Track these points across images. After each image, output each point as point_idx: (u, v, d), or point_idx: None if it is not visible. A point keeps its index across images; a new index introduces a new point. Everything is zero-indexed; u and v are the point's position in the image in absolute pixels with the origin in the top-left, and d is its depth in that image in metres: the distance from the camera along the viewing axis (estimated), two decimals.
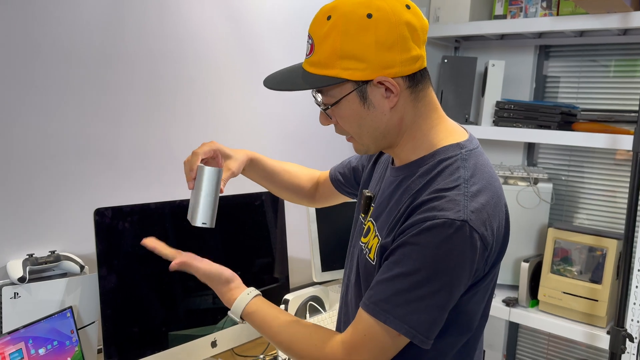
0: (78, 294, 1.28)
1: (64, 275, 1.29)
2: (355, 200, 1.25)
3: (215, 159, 1.09)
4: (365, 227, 1.01)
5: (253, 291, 1.02)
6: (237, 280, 1.04)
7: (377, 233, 0.95)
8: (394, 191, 0.94)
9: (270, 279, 1.65)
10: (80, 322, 1.28)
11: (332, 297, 1.81)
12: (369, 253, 0.95)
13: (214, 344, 1.49)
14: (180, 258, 1.02)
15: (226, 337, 1.51)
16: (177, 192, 1.46)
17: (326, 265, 1.72)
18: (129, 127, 1.47)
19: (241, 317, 1.00)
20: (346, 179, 1.24)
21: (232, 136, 1.73)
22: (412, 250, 0.83)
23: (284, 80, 0.91)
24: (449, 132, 0.93)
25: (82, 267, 1.28)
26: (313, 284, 1.97)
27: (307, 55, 0.90)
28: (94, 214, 1.23)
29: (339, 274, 1.78)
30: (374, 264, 0.93)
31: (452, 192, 0.84)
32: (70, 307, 1.22)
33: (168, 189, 1.56)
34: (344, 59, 0.84)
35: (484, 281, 0.89)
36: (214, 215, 1.02)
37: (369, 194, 1.03)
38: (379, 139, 0.92)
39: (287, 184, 1.28)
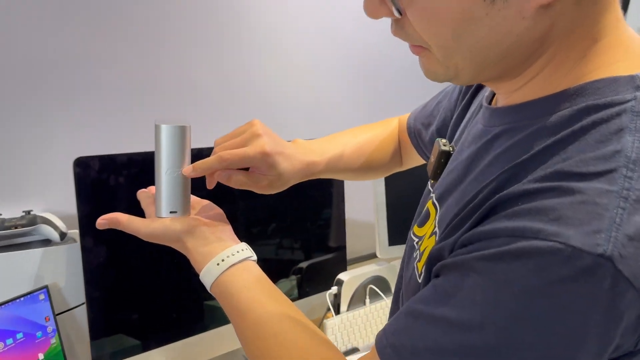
0: (61, 268, 0.98)
1: (46, 243, 0.98)
2: None
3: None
4: (426, 208, 0.60)
5: (238, 253, 0.61)
6: (205, 228, 0.62)
7: (435, 226, 0.54)
8: (480, 154, 0.52)
9: (322, 249, 1.28)
10: (62, 304, 0.99)
11: None
12: (419, 259, 0.56)
13: None
14: (115, 214, 0.64)
15: None
16: (195, 136, 1.10)
17: (394, 238, 1.32)
18: (124, 48, 1.11)
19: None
20: (433, 137, 0.80)
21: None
22: (478, 284, 0.42)
23: None
24: (625, 51, 0.46)
25: (63, 234, 0.97)
26: (372, 256, 1.59)
27: None
28: (73, 165, 0.90)
29: None
30: (419, 281, 0.54)
31: (595, 183, 0.40)
32: (46, 287, 0.92)
33: None
34: None
35: None
36: (185, 197, 0.64)
37: (446, 148, 0.61)
38: (492, 61, 0.47)
39: (367, 167, 0.85)
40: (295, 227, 1.23)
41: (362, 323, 1.26)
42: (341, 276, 1.25)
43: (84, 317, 0.95)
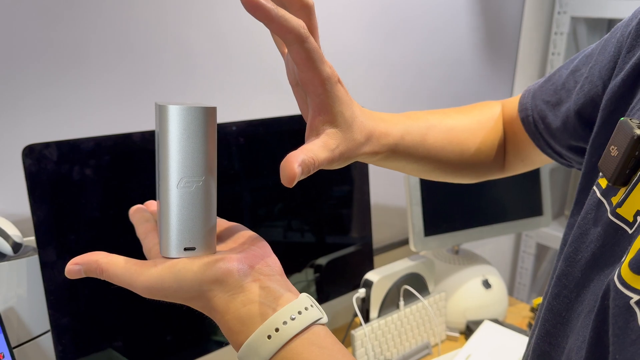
0: (19, 288, 0.77)
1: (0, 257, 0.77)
2: (577, 168, 0.60)
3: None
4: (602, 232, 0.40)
5: (301, 314, 0.37)
6: (243, 274, 0.37)
7: None
8: None
9: (344, 241, 1.07)
10: (23, 333, 0.78)
11: (440, 270, 1.20)
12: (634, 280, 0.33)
13: None
14: (91, 255, 0.40)
15: None
16: None
17: (432, 227, 1.11)
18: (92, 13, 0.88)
19: None
20: (563, 119, 0.56)
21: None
22: None
23: None
24: None
25: (17, 246, 0.75)
26: (403, 243, 1.37)
27: None
28: (22, 154, 0.68)
29: (451, 239, 1.16)
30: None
31: None
32: None
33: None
34: None
35: None
36: (209, 222, 0.39)
37: None
38: None
39: (458, 161, 0.60)
40: (310, 215, 1.01)
41: (396, 330, 1.05)
42: (370, 276, 1.03)
43: (51, 348, 0.74)
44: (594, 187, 0.43)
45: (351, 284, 1.11)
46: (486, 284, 1.20)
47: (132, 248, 0.76)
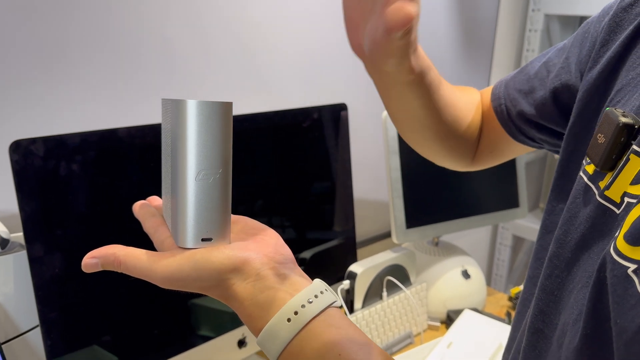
0: (6, 284, 0.77)
1: None
2: (553, 151, 0.63)
3: None
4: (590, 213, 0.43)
5: (317, 298, 0.39)
6: (259, 261, 0.39)
7: None
8: None
9: (327, 234, 1.09)
10: (11, 329, 0.78)
11: (421, 262, 1.23)
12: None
13: (242, 343, 0.97)
14: (108, 248, 0.41)
15: None
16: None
17: (413, 220, 1.13)
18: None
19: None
20: (538, 106, 0.59)
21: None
22: None
23: None
24: None
25: (4, 242, 0.75)
26: (385, 236, 1.40)
27: None
28: (9, 150, 0.68)
29: (432, 231, 1.19)
30: None
31: None
32: None
33: (146, 106, 0.98)
34: None
35: None
36: (226, 213, 0.40)
37: (628, 120, 0.40)
38: None
39: (451, 125, 0.63)
40: (293, 208, 1.03)
41: (379, 321, 1.08)
42: (354, 268, 1.05)
43: (40, 343, 0.74)
44: (581, 174, 0.46)
45: (335, 276, 1.13)
46: (465, 275, 1.23)
47: (121, 242, 0.77)
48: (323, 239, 1.09)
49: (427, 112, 0.59)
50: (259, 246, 0.40)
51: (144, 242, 0.46)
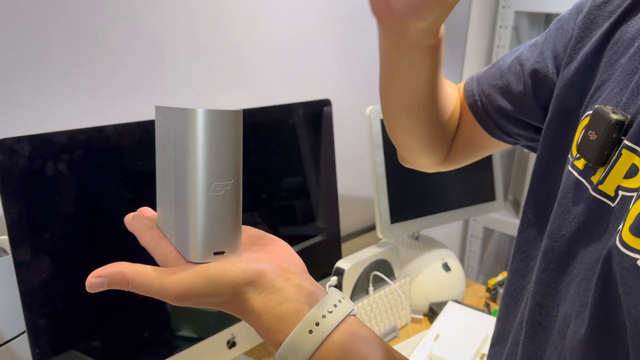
0: None
1: None
2: (530, 148, 0.64)
3: None
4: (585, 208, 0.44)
5: (336, 307, 0.38)
6: (273, 273, 0.38)
7: None
8: None
9: (312, 230, 1.08)
10: None
11: (405, 256, 1.24)
12: None
13: (231, 344, 0.96)
14: (115, 266, 0.40)
15: (250, 332, 0.98)
16: (151, 103, 0.85)
17: (397, 215, 1.14)
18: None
19: None
20: (517, 101, 0.59)
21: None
22: None
23: None
24: None
25: None
26: (369, 230, 1.41)
27: None
28: None
29: (415, 226, 1.20)
30: None
31: None
32: None
33: (135, 102, 0.95)
34: None
35: None
36: (237, 225, 0.39)
37: (619, 117, 0.42)
38: None
39: (440, 110, 0.62)
40: (277, 205, 1.02)
41: (366, 315, 1.08)
42: (341, 264, 1.05)
43: (26, 351, 0.71)
44: (570, 169, 0.47)
45: (320, 273, 1.12)
46: (446, 267, 1.25)
47: (109, 244, 0.74)
48: (307, 235, 1.09)
49: (430, 90, 0.58)
50: (272, 257, 0.39)
51: (139, 245, 0.44)
